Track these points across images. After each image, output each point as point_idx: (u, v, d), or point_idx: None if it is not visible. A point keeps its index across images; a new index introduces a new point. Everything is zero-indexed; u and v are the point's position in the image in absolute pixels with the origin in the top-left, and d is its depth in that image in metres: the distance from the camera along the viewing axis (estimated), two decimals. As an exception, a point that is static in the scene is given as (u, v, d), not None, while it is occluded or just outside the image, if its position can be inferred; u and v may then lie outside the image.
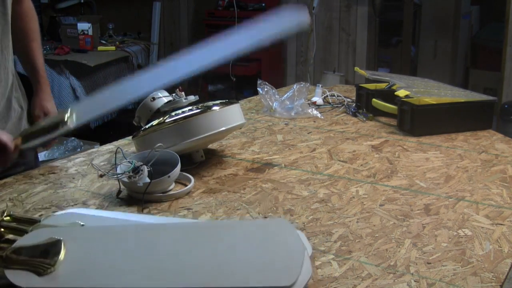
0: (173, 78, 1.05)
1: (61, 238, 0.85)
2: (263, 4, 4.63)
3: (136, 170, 1.20)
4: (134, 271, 0.81)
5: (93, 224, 0.97)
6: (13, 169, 1.37)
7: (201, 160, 1.43)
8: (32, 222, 0.99)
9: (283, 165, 1.44)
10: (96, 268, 0.82)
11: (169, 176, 1.21)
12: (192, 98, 1.53)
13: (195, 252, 0.86)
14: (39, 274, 0.79)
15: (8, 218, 0.99)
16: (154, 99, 1.51)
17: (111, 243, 0.88)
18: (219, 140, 1.58)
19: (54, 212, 1.13)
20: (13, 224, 0.98)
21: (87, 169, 1.41)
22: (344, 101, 2.09)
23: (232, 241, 0.89)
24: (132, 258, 0.85)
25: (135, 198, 1.21)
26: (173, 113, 1.41)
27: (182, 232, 0.94)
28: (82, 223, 0.93)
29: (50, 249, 0.83)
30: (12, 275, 0.79)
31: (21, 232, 0.94)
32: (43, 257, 0.81)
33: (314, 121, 1.87)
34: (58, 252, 0.82)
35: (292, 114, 1.91)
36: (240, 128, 1.65)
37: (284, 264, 0.82)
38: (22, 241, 0.86)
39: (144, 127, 1.41)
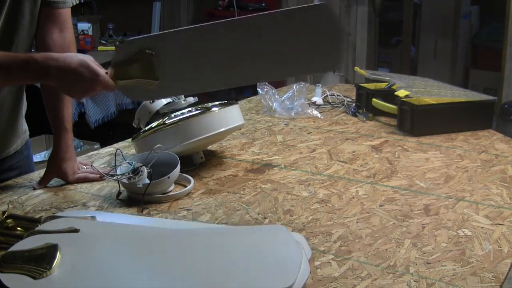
0: None
1: (57, 243, 0.85)
2: (263, 4, 4.64)
3: (135, 172, 1.20)
4: (130, 276, 0.81)
5: (90, 228, 0.97)
6: (8, 172, 1.36)
7: (201, 161, 1.43)
8: (33, 221, 0.99)
9: (283, 165, 1.44)
10: (92, 273, 0.82)
11: (168, 177, 1.21)
12: (191, 99, 1.54)
13: (194, 256, 0.87)
14: (34, 278, 0.79)
15: (10, 220, 0.99)
16: (153, 101, 1.51)
17: (107, 248, 0.88)
18: (219, 141, 1.58)
19: (54, 213, 1.13)
20: (9, 232, 0.98)
21: (87, 170, 1.41)
22: (344, 101, 2.09)
23: (230, 246, 0.90)
24: (129, 263, 0.85)
25: (135, 199, 1.21)
26: (172, 115, 1.41)
27: (180, 238, 0.94)
28: (77, 228, 0.93)
29: (45, 254, 0.83)
30: (7, 279, 0.79)
31: (18, 238, 0.94)
32: (38, 261, 0.81)
33: (314, 121, 1.87)
34: (54, 257, 0.82)
35: (292, 114, 1.91)
36: (240, 129, 1.65)
37: (281, 267, 0.83)
38: (18, 246, 0.86)
39: (144, 129, 1.41)
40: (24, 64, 1.00)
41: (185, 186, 1.27)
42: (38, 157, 2.94)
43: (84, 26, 4.25)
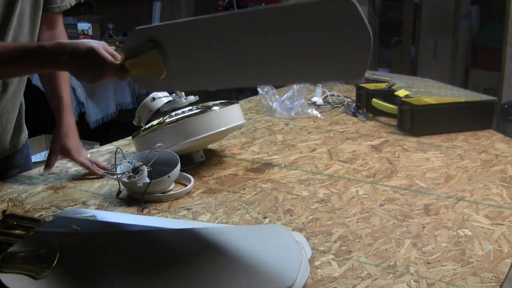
0: None
1: (57, 243, 0.85)
2: (263, 4, 4.64)
3: (136, 170, 1.20)
4: (130, 275, 0.81)
5: (90, 228, 0.97)
6: (8, 171, 1.37)
7: (201, 160, 1.43)
8: (33, 221, 0.99)
9: (283, 165, 1.44)
10: (91, 273, 0.82)
11: (168, 176, 1.21)
12: (192, 98, 1.53)
13: (194, 256, 0.87)
14: (34, 278, 0.79)
15: (10, 219, 0.99)
16: (154, 99, 1.51)
17: (107, 249, 0.88)
18: (219, 140, 1.58)
19: (54, 212, 1.13)
20: (9, 231, 0.98)
21: (87, 169, 1.41)
22: (344, 101, 2.09)
23: (230, 246, 0.89)
24: (129, 263, 0.85)
25: (135, 198, 1.21)
26: (173, 113, 1.41)
27: (180, 238, 0.94)
28: (77, 228, 0.93)
29: (45, 254, 0.83)
30: (7, 279, 0.79)
31: (18, 238, 0.94)
32: (38, 261, 0.81)
33: (314, 121, 1.87)
34: (54, 257, 0.82)
35: (292, 114, 1.91)
36: (240, 128, 1.65)
37: (282, 267, 0.83)
38: (18, 246, 0.86)
39: (144, 127, 1.41)
40: (35, 53, 1.01)
41: (185, 185, 1.27)
42: (38, 157, 2.94)
43: (84, 26, 4.25)
